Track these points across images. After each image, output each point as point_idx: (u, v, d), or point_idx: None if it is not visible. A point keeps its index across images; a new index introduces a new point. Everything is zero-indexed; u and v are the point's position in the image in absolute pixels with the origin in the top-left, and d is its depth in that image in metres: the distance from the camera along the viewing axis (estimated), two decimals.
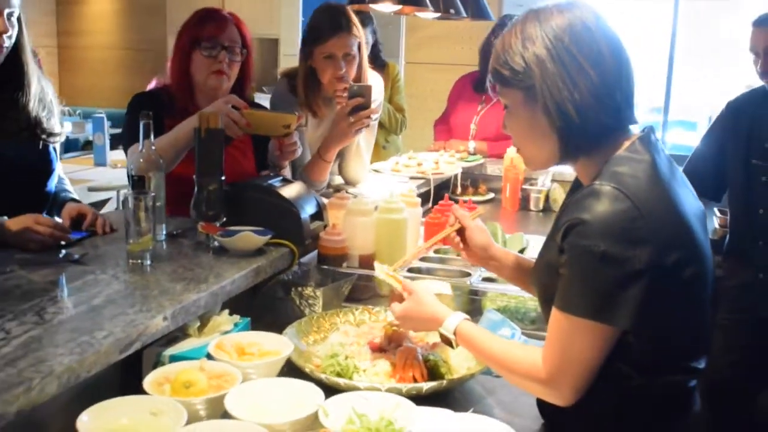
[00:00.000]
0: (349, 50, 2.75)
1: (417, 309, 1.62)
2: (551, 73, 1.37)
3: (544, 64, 1.38)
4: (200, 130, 2.09)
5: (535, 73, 1.39)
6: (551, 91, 1.37)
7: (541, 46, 1.39)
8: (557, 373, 1.36)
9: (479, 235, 1.82)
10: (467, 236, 1.82)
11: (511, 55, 1.42)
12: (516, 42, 1.42)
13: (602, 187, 1.34)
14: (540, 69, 1.38)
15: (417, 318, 1.63)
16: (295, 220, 2.14)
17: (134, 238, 1.92)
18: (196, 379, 1.46)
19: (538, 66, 1.38)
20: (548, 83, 1.38)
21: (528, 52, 1.39)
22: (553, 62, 1.38)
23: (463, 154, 3.86)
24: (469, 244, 1.82)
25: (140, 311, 1.61)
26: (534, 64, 1.39)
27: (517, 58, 1.41)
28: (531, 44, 1.40)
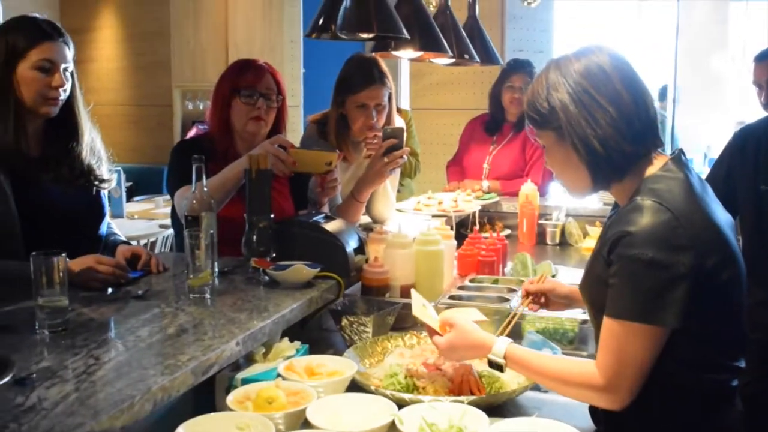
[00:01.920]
0: (380, 101, 2.90)
1: (462, 339, 1.70)
2: (574, 114, 1.54)
3: (567, 107, 1.55)
4: (251, 171, 2.23)
5: (560, 116, 1.56)
6: (576, 129, 1.54)
7: (564, 91, 1.57)
8: (615, 378, 1.47)
9: (560, 289, 2.02)
10: (551, 297, 2.02)
11: (540, 101, 1.60)
12: (542, 90, 1.60)
13: (644, 201, 1.49)
14: (564, 112, 1.56)
15: (463, 347, 1.70)
16: (341, 253, 2.27)
17: (194, 274, 2.04)
18: (276, 395, 1.57)
19: (562, 110, 1.56)
20: (572, 123, 1.55)
21: (552, 98, 1.58)
22: (574, 104, 1.55)
23: (478, 193, 4.00)
24: (554, 300, 2.02)
25: (214, 337, 1.72)
26: (559, 108, 1.57)
27: (544, 104, 1.59)
28: (554, 90, 1.58)
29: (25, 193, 2.21)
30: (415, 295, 1.90)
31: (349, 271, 2.28)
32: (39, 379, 1.46)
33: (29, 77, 2.20)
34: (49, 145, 2.33)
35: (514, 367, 1.64)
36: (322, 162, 2.44)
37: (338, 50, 4.54)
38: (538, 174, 4.13)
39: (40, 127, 2.31)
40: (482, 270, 2.57)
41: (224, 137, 2.66)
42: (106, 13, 8.34)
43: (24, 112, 2.23)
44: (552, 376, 1.58)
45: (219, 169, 2.47)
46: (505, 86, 4.24)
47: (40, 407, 1.33)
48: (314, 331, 2.29)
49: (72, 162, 2.34)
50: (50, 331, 1.74)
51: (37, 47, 2.20)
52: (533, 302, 2.03)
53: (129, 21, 8.25)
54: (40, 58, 2.20)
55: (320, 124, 3.03)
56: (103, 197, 2.45)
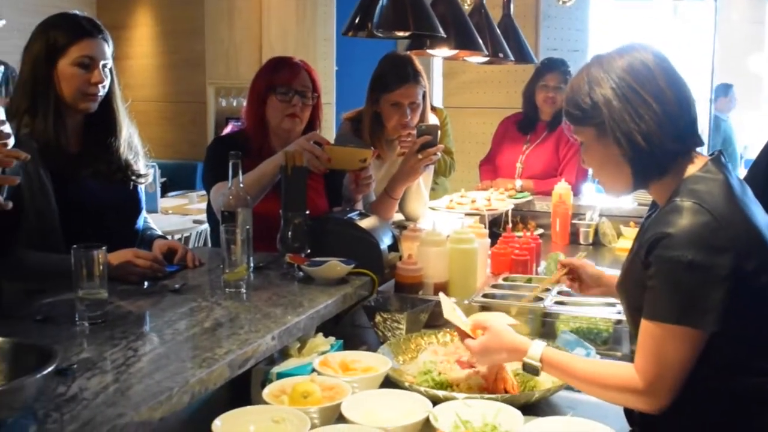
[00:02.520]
0: (414, 99, 2.91)
1: (496, 342, 1.68)
2: (618, 109, 1.53)
3: (611, 102, 1.54)
4: (286, 168, 2.24)
5: (603, 111, 1.55)
6: (619, 125, 1.53)
7: (607, 86, 1.55)
8: (655, 381, 1.46)
9: (590, 268, 2.03)
10: (582, 273, 2.03)
11: (581, 96, 1.59)
12: (584, 85, 1.59)
13: (683, 202, 1.47)
14: (607, 107, 1.54)
15: (497, 351, 1.68)
16: (375, 250, 2.28)
17: (230, 268, 2.06)
18: (312, 390, 1.58)
19: (606, 105, 1.55)
20: (616, 118, 1.53)
21: (595, 93, 1.56)
22: (618, 100, 1.53)
23: (511, 192, 3.98)
24: (584, 278, 2.02)
25: (250, 331, 1.74)
26: (602, 103, 1.55)
27: (586, 99, 1.57)
28: (597, 86, 1.56)
29: (64, 188, 2.24)
30: (444, 298, 1.90)
31: (382, 268, 2.29)
32: (80, 369, 1.49)
33: (69, 73, 2.24)
34: (88, 141, 2.36)
35: (550, 371, 1.63)
36: (357, 159, 2.45)
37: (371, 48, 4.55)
38: (572, 173, 4.10)
39: (79, 123, 2.34)
40: (515, 269, 2.57)
41: (259, 134, 2.68)
42: (142, 10, 8.42)
43: (64, 108, 2.26)
44: (589, 380, 1.57)
45: (254, 166, 2.49)
46: (539, 85, 4.22)
47: (81, 397, 1.36)
48: (347, 327, 2.31)
49: (110, 157, 2.38)
50: (90, 322, 1.77)
51: (77, 44, 2.23)
52: (568, 277, 2.05)
53: (164, 18, 8.32)
54: (80, 54, 2.24)
55: (354, 122, 3.04)
56: (140, 192, 2.49)
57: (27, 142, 2.20)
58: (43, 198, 2.20)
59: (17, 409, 1.23)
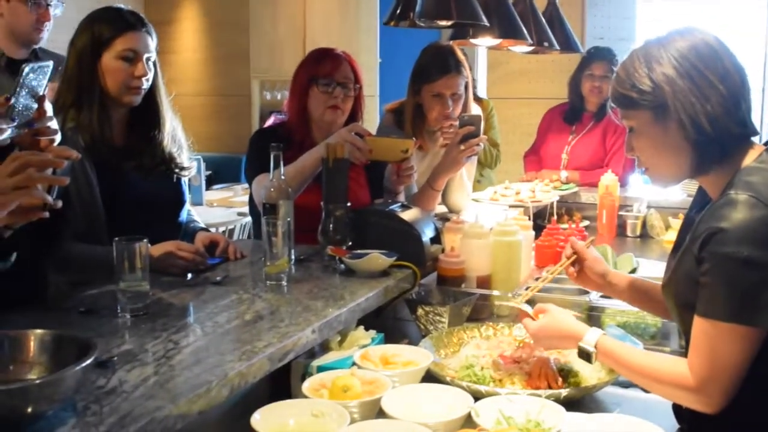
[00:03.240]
0: (456, 90, 2.87)
1: (555, 325, 1.67)
2: (682, 89, 1.46)
3: (675, 81, 1.47)
4: (328, 160, 2.23)
5: (666, 90, 1.47)
6: (684, 106, 1.46)
7: (669, 65, 1.48)
8: (707, 380, 1.41)
9: (597, 264, 1.92)
10: (586, 266, 1.92)
11: (637, 77, 1.51)
12: (641, 65, 1.51)
13: (738, 196, 1.41)
14: (671, 86, 1.47)
15: (555, 335, 1.67)
16: (417, 243, 2.25)
17: (271, 261, 2.05)
18: (352, 384, 1.56)
19: (669, 84, 1.47)
20: (681, 99, 1.46)
21: (655, 73, 1.49)
22: (682, 79, 1.46)
23: (556, 183, 3.93)
24: (588, 273, 1.92)
25: (290, 324, 1.73)
26: (664, 82, 1.48)
27: (645, 80, 1.50)
28: (657, 65, 1.49)
29: (108, 181, 2.25)
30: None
31: (424, 260, 2.26)
32: (120, 362, 1.49)
33: (113, 67, 2.25)
34: (132, 134, 2.37)
35: (603, 359, 1.60)
36: (398, 150, 2.43)
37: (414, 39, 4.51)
38: (619, 164, 4.03)
39: (123, 116, 2.35)
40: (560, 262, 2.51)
41: (301, 126, 2.67)
42: (187, 4, 8.50)
43: (108, 102, 2.27)
44: (642, 372, 1.52)
45: (296, 158, 2.48)
46: (585, 74, 4.15)
47: (120, 389, 1.36)
48: (389, 320, 2.29)
49: (153, 150, 2.38)
50: (131, 315, 1.77)
51: (122, 37, 2.24)
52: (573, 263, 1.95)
53: (209, 12, 8.39)
54: (124, 47, 2.24)
55: (396, 113, 3.02)
56: (183, 185, 2.49)
57: (73, 136, 2.22)
58: (89, 192, 2.22)
59: (57, 401, 1.23)
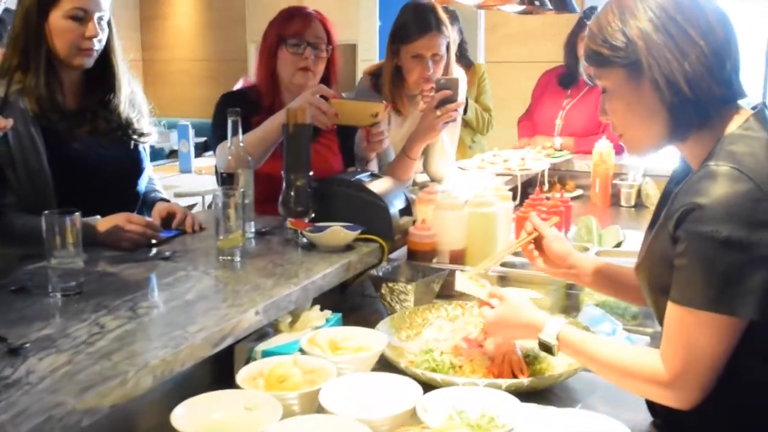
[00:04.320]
0: (437, 50, 2.69)
1: (512, 314, 1.52)
2: (658, 44, 1.29)
3: (650, 36, 1.30)
4: (288, 126, 2.07)
5: (639, 46, 1.30)
6: (659, 63, 1.29)
7: (644, 18, 1.31)
8: (682, 374, 1.26)
9: (557, 243, 1.74)
10: (545, 245, 1.74)
11: (610, 32, 1.34)
12: (614, 18, 1.34)
13: (719, 167, 1.25)
14: (645, 42, 1.30)
15: (513, 325, 1.52)
16: (384, 215, 2.10)
17: (224, 235, 1.91)
18: (290, 373, 1.42)
19: (643, 39, 1.30)
20: (655, 56, 1.29)
21: (629, 27, 1.32)
22: (659, 33, 1.30)
23: (549, 151, 3.76)
24: (547, 254, 1.74)
25: (232, 306, 1.59)
26: (638, 37, 1.31)
27: (617, 35, 1.33)
28: (632, 18, 1.32)
29: (58, 148, 2.11)
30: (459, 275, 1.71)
31: (392, 234, 2.12)
32: (34, 348, 1.35)
33: (62, 27, 2.09)
34: (86, 98, 2.23)
35: (566, 351, 1.44)
36: (367, 113, 2.26)
37: None
38: None
39: (76, 79, 2.21)
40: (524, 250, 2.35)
41: (270, 90, 2.51)
42: None
43: (57, 64, 2.13)
44: (610, 366, 1.37)
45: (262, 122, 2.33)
46: (581, 36, 3.94)
47: (25, 381, 1.22)
48: (357, 298, 2.15)
49: (109, 115, 2.24)
50: (63, 294, 1.63)
51: None
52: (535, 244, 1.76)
53: None
54: (73, 6, 2.09)
55: (375, 76, 2.85)
56: (142, 152, 2.34)
57: (15, 101, 2.08)
58: (36, 158, 2.08)
59: None
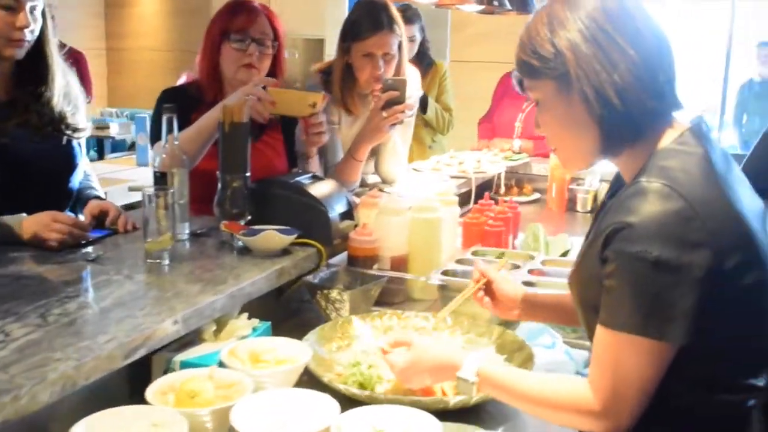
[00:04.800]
0: (388, 50, 2.62)
1: (424, 359, 1.42)
2: (586, 56, 1.24)
3: (578, 47, 1.25)
4: (224, 124, 1.99)
5: (568, 58, 1.25)
6: (588, 75, 1.24)
7: (574, 29, 1.26)
8: (614, 401, 1.20)
9: (507, 285, 1.68)
10: (495, 289, 1.68)
11: (539, 42, 1.29)
12: (543, 28, 1.29)
13: (650, 184, 1.19)
14: (574, 53, 1.25)
15: (426, 369, 1.42)
16: (323, 218, 2.03)
17: (153, 237, 1.83)
18: (202, 388, 1.35)
19: (572, 50, 1.25)
20: (584, 67, 1.24)
21: (559, 37, 1.26)
22: (587, 44, 1.24)
23: (507, 153, 3.71)
24: (499, 297, 1.68)
25: (150, 314, 1.51)
26: (566, 48, 1.26)
27: (547, 45, 1.28)
28: (561, 28, 1.27)
29: None
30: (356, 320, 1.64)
31: (331, 238, 2.04)
32: None
33: None
34: (16, 90, 2.13)
35: (488, 389, 1.36)
36: (305, 103, 2.19)
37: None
38: None
39: (7, 70, 2.11)
40: (488, 241, 2.30)
41: (213, 86, 2.42)
42: None
43: None
44: (535, 400, 1.30)
45: None
46: None
47: None
48: (294, 304, 2.08)
49: (41, 108, 2.14)
50: None
51: None
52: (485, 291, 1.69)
53: None
54: None
55: (325, 74, 2.77)
56: (76, 147, 2.25)
57: None
58: None
59: None
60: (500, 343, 1.72)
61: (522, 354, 1.65)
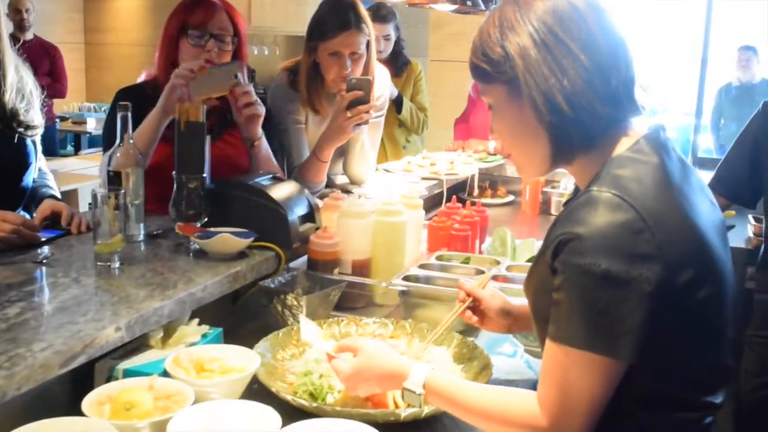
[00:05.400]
0: (356, 49, 2.57)
1: (372, 366, 1.37)
2: (535, 60, 1.19)
3: (527, 51, 1.20)
4: (179, 123, 1.93)
5: (517, 63, 1.21)
6: (537, 80, 1.19)
7: (523, 32, 1.21)
8: (561, 418, 1.15)
9: (496, 301, 1.63)
10: (485, 307, 1.63)
11: (490, 45, 1.24)
12: (494, 31, 1.24)
13: (600, 194, 1.15)
14: (523, 57, 1.20)
15: (373, 377, 1.37)
16: (282, 221, 1.97)
17: (103, 239, 1.77)
18: (139, 399, 1.29)
19: (521, 54, 1.21)
20: (533, 72, 1.19)
21: (509, 41, 1.22)
22: (537, 48, 1.20)
23: (482, 155, 3.67)
24: (487, 313, 1.63)
25: (91, 320, 1.45)
26: (515, 52, 1.21)
27: (497, 49, 1.23)
28: (511, 32, 1.22)
29: None
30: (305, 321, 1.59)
31: (291, 241, 1.99)
32: None
33: None
34: None
35: (435, 401, 1.31)
36: (229, 78, 2.14)
37: None
38: None
39: None
40: (454, 246, 2.24)
41: None
42: None
43: None
44: (483, 414, 1.25)
45: None
46: None
47: None
48: (250, 310, 2.01)
49: None
50: None
51: None
52: (472, 309, 1.65)
53: None
54: None
55: (292, 72, 2.71)
56: (29, 146, 2.18)
57: None
58: None
59: None
60: (458, 351, 1.67)
61: (480, 363, 1.60)
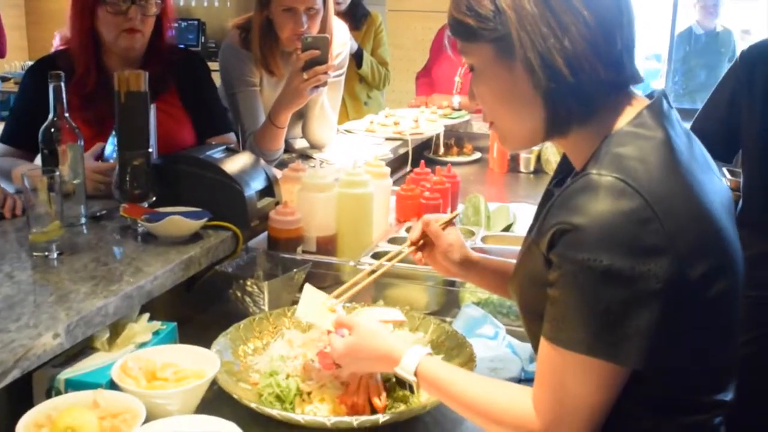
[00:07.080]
0: (312, 4, 2.37)
1: (365, 344, 1.27)
2: (532, 15, 1.03)
3: (522, 5, 1.03)
4: (119, 94, 1.74)
5: (509, 17, 1.04)
6: (533, 39, 1.03)
7: None
8: (556, 423, 1.03)
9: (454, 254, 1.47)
10: (439, 253, 1.48)
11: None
12: None
13: (601, 177, 1.00)
14: (517, 12, 1.03)
15: (366, 356, 1.27)
16: (238, 198, 1.80)
17: (38, 227, 1.59)
18: (82, 421, 1.13)
19: (514, 8, 1.04)
20: (528, 29, 1.03)
21: None
22: (533, 3, 1.03)
23: (446, 111, 3.51)
24: (442, 263, 1.48)
25: (25, 327, 1.28)
26: (508, 6, 1.04)
27: (485, 2, 1.06)
28: None
29: None
30: (308, 289, 1.44)
31: (249, 219, 1.82)
32: None
33: None
34: None
35: (427, 389, 1.20)
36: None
37: None
38: None
39: None
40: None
41: (88, 53, 2.11)
42: None
43: None
44: (474, 408, 1.13)
45: (78, 92, 2.00)
46: None
47: None
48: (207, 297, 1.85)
49: None
50: None
51: None
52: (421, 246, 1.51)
53: None
54: None
55: (244, 30, 2.51)
56: None
57: None
58: None
59: None
60: (436, 338, 1.54)
61: (462, 353, 1.47)
